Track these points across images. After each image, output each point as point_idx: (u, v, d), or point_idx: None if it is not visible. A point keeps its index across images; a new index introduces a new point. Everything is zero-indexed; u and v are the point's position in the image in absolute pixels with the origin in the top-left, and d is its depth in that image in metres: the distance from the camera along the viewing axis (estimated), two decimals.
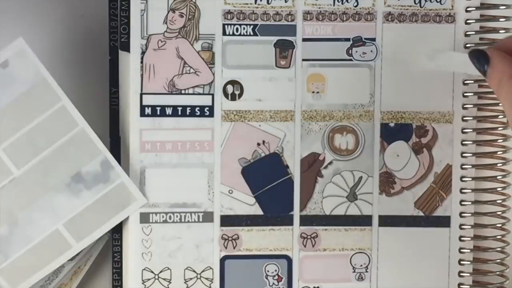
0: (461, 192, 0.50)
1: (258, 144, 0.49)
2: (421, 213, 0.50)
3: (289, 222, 0.49)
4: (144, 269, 0.49)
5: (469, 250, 0.50)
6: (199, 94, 0.48)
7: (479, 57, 0.43)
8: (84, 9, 0.50)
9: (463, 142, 0.49)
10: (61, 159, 0.47)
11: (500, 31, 0.49)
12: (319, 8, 0.48)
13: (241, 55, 0.48)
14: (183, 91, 0.48)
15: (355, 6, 0.48)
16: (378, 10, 0.48)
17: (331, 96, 0.49)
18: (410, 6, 0.48)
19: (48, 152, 0.47)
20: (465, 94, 0.49)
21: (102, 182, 0.47)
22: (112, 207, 0.48)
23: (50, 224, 0.47)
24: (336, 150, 0.49)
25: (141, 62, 0.48)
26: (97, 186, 0.47)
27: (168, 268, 0.49)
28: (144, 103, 0.48)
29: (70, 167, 0.47)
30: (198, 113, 0.48)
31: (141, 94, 0.48)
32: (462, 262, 0.50)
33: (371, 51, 0.49)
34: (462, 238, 0.50)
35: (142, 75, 0.48)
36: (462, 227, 0.50)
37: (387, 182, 0.49)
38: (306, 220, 0.49)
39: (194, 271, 0.49)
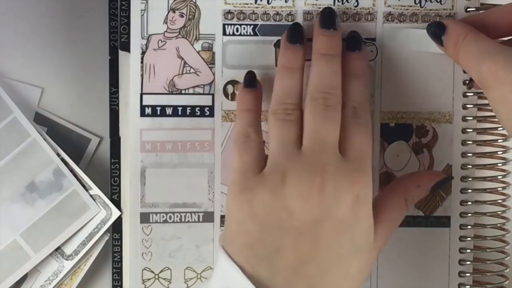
0: (462, 192, 0.50)
1: None
2: (421, 213, 0.50)
3: None
4: (144, 269, 0.49)
5: (469, 250, 0.50)
6: (199, 94, 0.48)
7: (436, 28, 0.45)
8: (84, 9, 0.50)
9: (464, 142, 0.49)
10: (15, 169, 0.48)
11: None
12: (319, 8, 0.48)
13: (241, 55, 0.48)
14: (183, 91, 0.48)
15: (355, 6, 0.48)
16: (378, 10, 0.48)
17: None
18: (410, 6, 0.48)
19: (3, 163, 0.48)
20: (465, 94, 0.49)
21: (55, 191, 0.48)
22: (68, 216, 0.48)
23: (8, 235, 0.48)
24: None
25: (141, 62, 0.48)
26: (51, 195, 0.48)
27: (168, 268, 0.49)
28: (144, 103, 0.48)
29: (24, 177, 0.48)
30: (198, 113, 0.48)
31: (141, 94, 0.48)
32: (462, 262, 0.50)
33: (371, 51, 0.48)
34: (463, 238, 0.50)
35: (142, 75, 0.48)
36: (463, 227, 0.50)
37: (387, 182, 0.49)
38: None
39: (194, 271, 0.49)
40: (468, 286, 0.50)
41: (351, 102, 0.44)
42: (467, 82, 0.49)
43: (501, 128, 0.49)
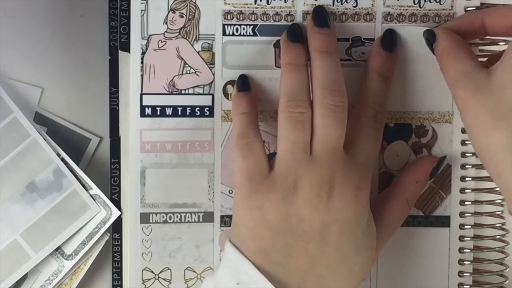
0: (461, 192, 0.50)
1: None
2: (420, 213, 0.50)
3: None
4: (144, 269, 0.49)
5: (469, 250, 0.50)
6: (199, 94, 0.48)
7: (428, 36, 0.45)
8: (84, 9, 0.50)
9: (463, 142, 0.49)
10: (15, 169, 0.48)
11: None
12: None
13: (241, 55, 0.48)
14: (183, 91, 0.48)
15: (354, 7, 0.48)
16: (378, 10, 0.48)
17: None
18: (410, 6, 0.48)
19: (3, 163, 0.48)
20: None
21: (55, 191, 0.48)
22: (68, 216, 0.48)
23: (8, 235, 0.48)
24: None
25: (141, 62, 0.48)
26: (51, 195, 0.48)
27: (168, 268, 0.49)
28: (144, 104, 0.48)
29: (24, 177, 0.48)
30: (198, 113, 0.48)
31: (141, 95, 0.48)
32: (462, 262, 0.50)
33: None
34: (462, 238, 0.50)
35: (142, 76, 0.48)
36: (462, 227, 0.50)
37: (387, 182, 0.49)
38: None
39: (194, 271, 0.49)
40: (468, 286, 0.50)
41: (372, 104, 0.45)
42: None
43: None
